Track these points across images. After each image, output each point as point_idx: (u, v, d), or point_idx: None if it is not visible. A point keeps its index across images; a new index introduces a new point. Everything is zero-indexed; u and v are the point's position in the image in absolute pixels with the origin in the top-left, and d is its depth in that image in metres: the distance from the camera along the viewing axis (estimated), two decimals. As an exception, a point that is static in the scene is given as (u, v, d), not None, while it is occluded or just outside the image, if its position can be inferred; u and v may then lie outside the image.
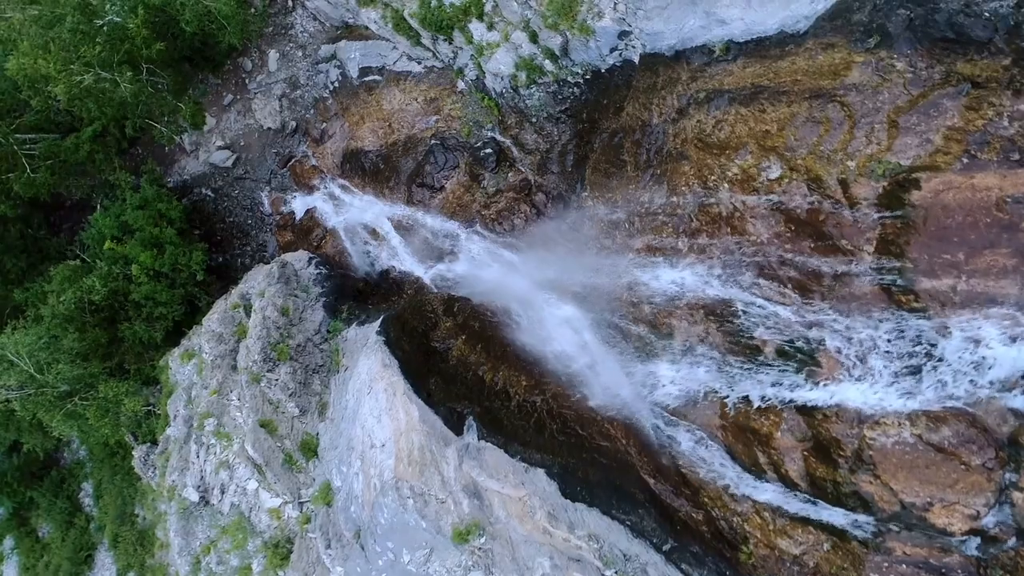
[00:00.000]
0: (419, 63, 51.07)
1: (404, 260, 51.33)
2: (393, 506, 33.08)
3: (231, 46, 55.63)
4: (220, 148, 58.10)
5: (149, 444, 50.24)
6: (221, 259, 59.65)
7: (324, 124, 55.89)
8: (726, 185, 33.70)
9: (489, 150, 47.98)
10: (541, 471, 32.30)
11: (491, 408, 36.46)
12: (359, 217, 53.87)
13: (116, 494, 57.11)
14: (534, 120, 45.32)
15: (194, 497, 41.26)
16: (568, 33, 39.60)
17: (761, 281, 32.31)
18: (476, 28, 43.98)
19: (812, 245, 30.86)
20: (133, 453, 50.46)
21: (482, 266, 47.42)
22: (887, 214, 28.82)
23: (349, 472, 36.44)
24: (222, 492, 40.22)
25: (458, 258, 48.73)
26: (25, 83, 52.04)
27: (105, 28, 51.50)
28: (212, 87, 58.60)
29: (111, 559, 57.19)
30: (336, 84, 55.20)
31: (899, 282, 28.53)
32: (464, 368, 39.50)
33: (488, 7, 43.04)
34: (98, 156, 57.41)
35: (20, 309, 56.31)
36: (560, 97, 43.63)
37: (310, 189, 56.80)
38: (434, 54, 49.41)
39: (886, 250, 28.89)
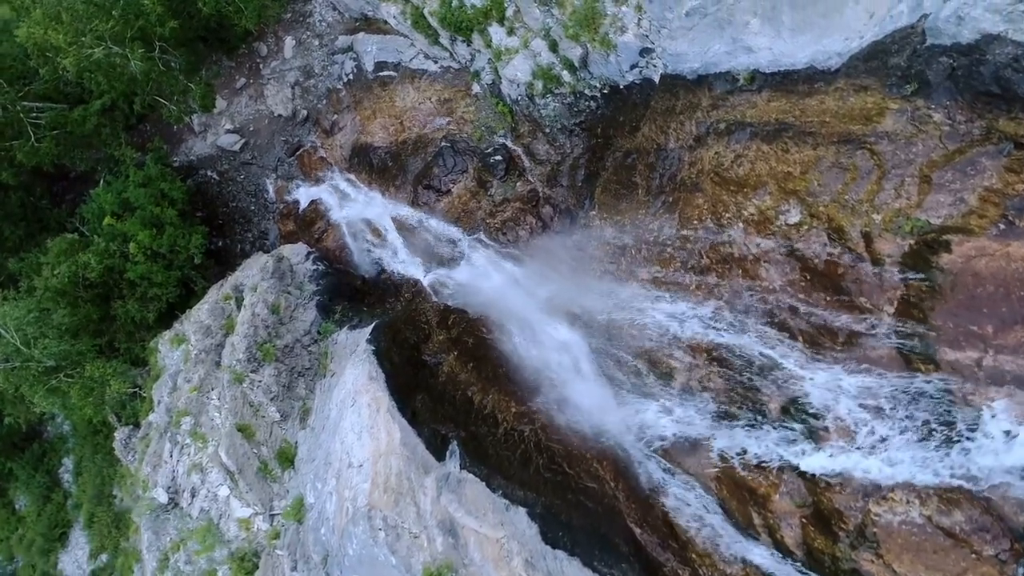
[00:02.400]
0: (435, 62, 49.02)
1: (404, 262, 48.97)
2: (363, 537, 30.26)
3: (247, 30, 53.44)
4: (229, 131, 55.88)
5: (132, 427, 47.79)
6: (221, 243, 57.33)
7: (335, 116, 53.68)
8: (741, 225, 31.15)
9: (499, 157, 45.71)
10: (523, 511, 29.30)
11: (477, 434, 33.69)
12: (363, 213, 51.55)
13: (96, 473, 54.90)
14: (547, 130, 43.23)
15: (163, 499, 38.61)
16: (589, 45, 37.68)
17: (770, 330, 29.67)
18: (496, 32, 42.07)
19: (827, 298, 28.20)
20: (115, 434, 47.94)
21: (482, 276, 45.02)
22: (912, 275, 26.14)
23: (324, 490, 33.71)
24: (192, 496, 37.57)
25: (459, 265, 46.45)
26: (35, 52, 49.71)
27: (120, 2, 48.95)
28: (225, 69, 56.34)
29: (85, 538, 55.07)
30: (350, 76, 52.97)
31: (919, 349, 25.82)
32: (453, 387, 36.83)
33: (510, 11, 41.18)
34: (105, 130, 55.04)
35: (14, 279, 54.04)
36: (576, 110, 41.47)
37: (316, 180, 54.53)
38: (451, 55, 47.46)
39: (908, 313, 26.19)
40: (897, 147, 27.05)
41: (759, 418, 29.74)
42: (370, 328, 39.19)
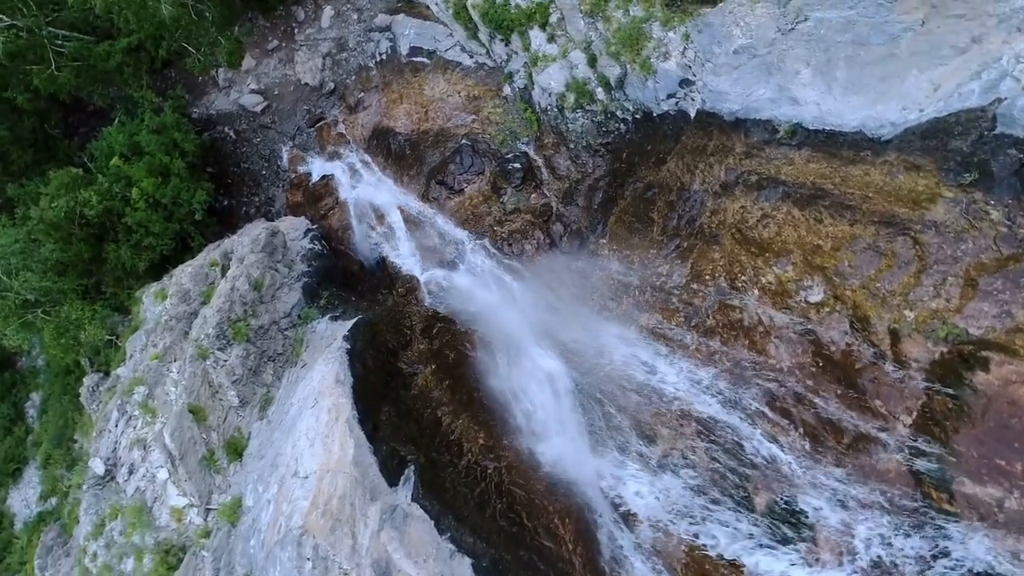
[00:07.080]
0: (471, 57, 45.45)
1: (404, 255, 45.29)
2: (288, 565, 26.22)
3: (287, -8, 49.61)
4: (253, 91, 52.26)
5: (102, 374, 44.29)
6: (227, 203, 53.54)
7: (362, 94, 50.02)
8: (756, 292, 27.20)
9: (518, 165, 42.03)
10: (468, 562, 24.97)
11: (437, 463, 29.53)
12: (372, 197, 47.88)
13: (60, 414, 51.40)
14: (572, 146, 39.78)
15: (100, 470, 34.81)
16: (628, 66, 34.27)
17: (769, 413, 25.76)
18: (536, 36, 38.76)
19: (839, 392, 24.27)
20: (84, 380, 44.39)
21: (479, 285, 41.31)
22: (939, 387, 22.11)
23: (263, 495, 29.69)
24: (130, 472, 33.66)
25: (458, 268, 42.69)
26: (65, -23, 46.21)
27: (157, -57, 45.41)
28: (259, 28, 52.61)
29: (39, 479, 51.61)
30: (383, 56, 49.29)
31: (934, 472, 21.91)
32: (424, 403, 32.84)
33: (553, 18, 37.88)
34: (127, 69, 51.38)
35: (12, 204, 50.46)
36: (604, 130, 37.95)
37: (332, 156, 50.83)
38: (488, 52, 43.99)
39: (927, 429, 22.25)
40: (944, 240, 23.06)
41: (742, 509, 25.86)
42: (351, 323, 35.24)
